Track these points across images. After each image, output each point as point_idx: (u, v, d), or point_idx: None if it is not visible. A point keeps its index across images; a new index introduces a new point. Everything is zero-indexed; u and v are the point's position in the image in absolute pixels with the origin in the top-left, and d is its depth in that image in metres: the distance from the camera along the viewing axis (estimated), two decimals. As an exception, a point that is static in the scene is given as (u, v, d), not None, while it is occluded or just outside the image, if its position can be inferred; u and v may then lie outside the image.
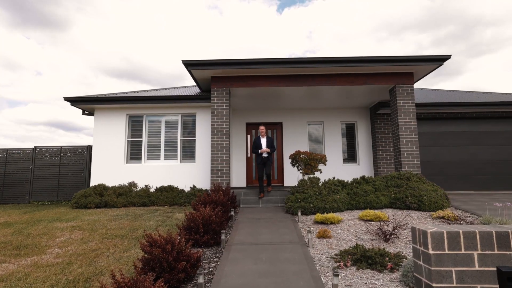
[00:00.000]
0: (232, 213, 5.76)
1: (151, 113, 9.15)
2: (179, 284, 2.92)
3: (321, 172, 7.29)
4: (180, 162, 8.94)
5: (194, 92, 9.66)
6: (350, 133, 10.51)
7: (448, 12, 56.97)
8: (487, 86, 69.13)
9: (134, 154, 9.06)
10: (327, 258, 3.61)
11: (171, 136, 9.13)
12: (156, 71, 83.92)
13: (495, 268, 2.07)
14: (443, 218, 5.16)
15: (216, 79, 8.02)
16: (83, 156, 9.54)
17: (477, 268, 2.09)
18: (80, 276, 3.27)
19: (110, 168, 8.75)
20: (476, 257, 2.10)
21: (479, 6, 55.97)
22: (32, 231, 5.32)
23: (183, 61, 7.46)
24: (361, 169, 10.05)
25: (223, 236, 4.13)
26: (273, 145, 7.53)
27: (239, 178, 9.92)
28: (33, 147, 9.65)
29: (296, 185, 6.66)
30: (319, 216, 5.23)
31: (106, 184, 8.35)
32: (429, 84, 55.62)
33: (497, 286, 2.05)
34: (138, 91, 10.29)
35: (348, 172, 9.77)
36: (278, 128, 10.41)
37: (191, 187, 8.38)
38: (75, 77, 69.48)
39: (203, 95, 8.77)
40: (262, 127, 7.66)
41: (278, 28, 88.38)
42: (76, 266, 3.57)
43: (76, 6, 49.26)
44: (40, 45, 65.90)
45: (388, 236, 4.17)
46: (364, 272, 3.14)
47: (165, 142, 9.11)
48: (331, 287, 2.81)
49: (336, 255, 3.66)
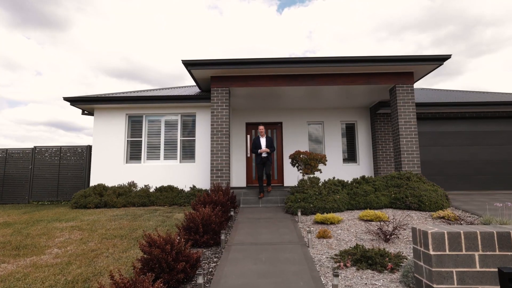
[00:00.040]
0: (231, 213, 5.75)
1: (151, 113, 9.14)
2: (179, 284, 2.91)
3: (321, 172, 7.28)
4: (180, 162, 8.93)
5: (194, 92, 9.64)
6: (350, 133, 10.50)
7: (448, 12, 57.01)
8: (487, 86, 69.18)
9: (133, 154, 9.05)
10: (327, 258, 3.60)
11: (171, 136, 9.12)
12: (156, 71, 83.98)
13: (496, 269, 2.05)
14: (443, 218, 5.15)
15: (216, 79, 8.01)
16: (82, 156, 9.53)
17: (478, 269, 2.08)
18: (79, 276, 3.26)
19: (109, 168, 8.74)
20: (477, 257, 2.09)
21: (479, 6, 56.00)
22: (31, 231, 5.30)
23: (183, 61, 7.45)
24: (361, 169, 10.04)
25: (223, 236, 4.12)
26: (272, 145, 7.52)
27: (239, 178, 9.91)
28: (32, 147, 9.64)
29: (296, 185, 6.65)
30: (319, 216, 5.22)
31: (106, 184, 8.34)
32: (429, 84, 55.62)
33: (498, 287, 2.03)
34: (138, 91, 10.28)
35: (348, 172, 9.76)
36: (278, 128, 10.40)
37: (190, 187, 8.37)
38: (75, 77, 69.54)
39: (203, 95, 8.76)
40: (261, 127, 7.65)
41: (278, 28, 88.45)
42: (75, 267, 3.56)
43: (76, 6, 49.29)
44: (40, 45, 65.96)
45: (388, 236, 4.16)
46: (364, 272, 3.13)
47: (165, 142, 9.09)
48: (331, 287, 2.80)
49: (336, 255, 3.65)
